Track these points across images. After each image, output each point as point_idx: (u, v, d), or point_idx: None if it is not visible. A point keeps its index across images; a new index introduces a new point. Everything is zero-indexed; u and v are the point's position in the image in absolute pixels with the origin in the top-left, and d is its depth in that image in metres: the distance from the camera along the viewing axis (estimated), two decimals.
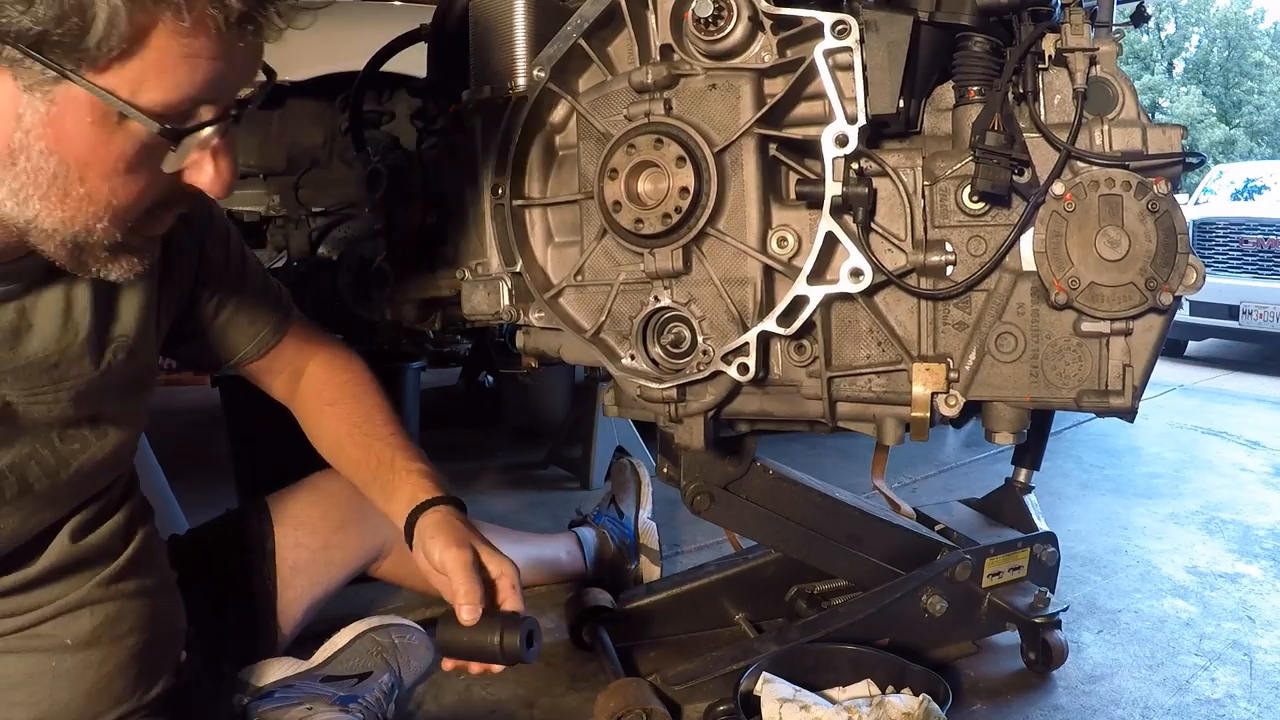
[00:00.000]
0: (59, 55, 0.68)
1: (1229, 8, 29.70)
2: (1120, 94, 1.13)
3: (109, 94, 0.70)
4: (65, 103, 0.71)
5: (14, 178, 0.74)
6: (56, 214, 0.76)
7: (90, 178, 0.75)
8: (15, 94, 0.70)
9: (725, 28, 1.15)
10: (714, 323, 1.21)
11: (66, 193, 0.75)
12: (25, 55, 0.67)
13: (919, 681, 1.29)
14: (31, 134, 0.71)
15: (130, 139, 0.74)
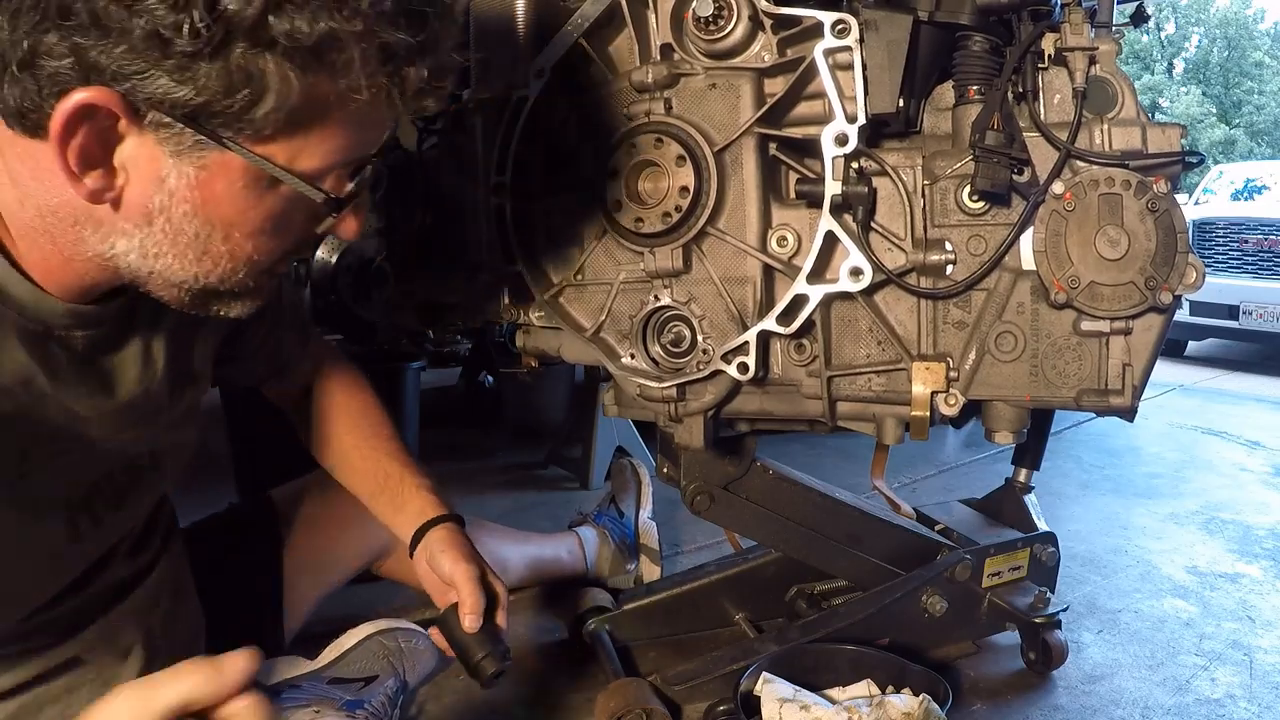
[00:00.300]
0: (218, 124, 0.67)
1: (1229, 8, 29.71)
2: (1120, 93, 1.13)
3: (268, 162, 0.70)
4: (217, 168, 0.69)
5: (148, 236, 0.73)
6: (191, 269, 0.75)
7: (235, 237, 0.74)
8: (160, 158, 0.69)
9: (725, 27, 1.15)
10: (714, 322, 1.21)
11: (206, 251, 0.74)
12: (178, 123, 0.66)
13: (919, 681, 1.29)
14: (175, 197, 0.70)
15: (281, 200, 0.74)
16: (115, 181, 0.70)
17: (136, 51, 0.62)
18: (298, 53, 0.65)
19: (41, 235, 0.75)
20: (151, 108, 0.65)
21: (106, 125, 0.66)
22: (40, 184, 0.72)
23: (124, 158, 0.69)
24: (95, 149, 0.67)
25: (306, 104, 0.68)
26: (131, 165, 0.69)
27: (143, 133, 0.67)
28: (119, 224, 0.72)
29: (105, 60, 0.63)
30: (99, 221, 0.73)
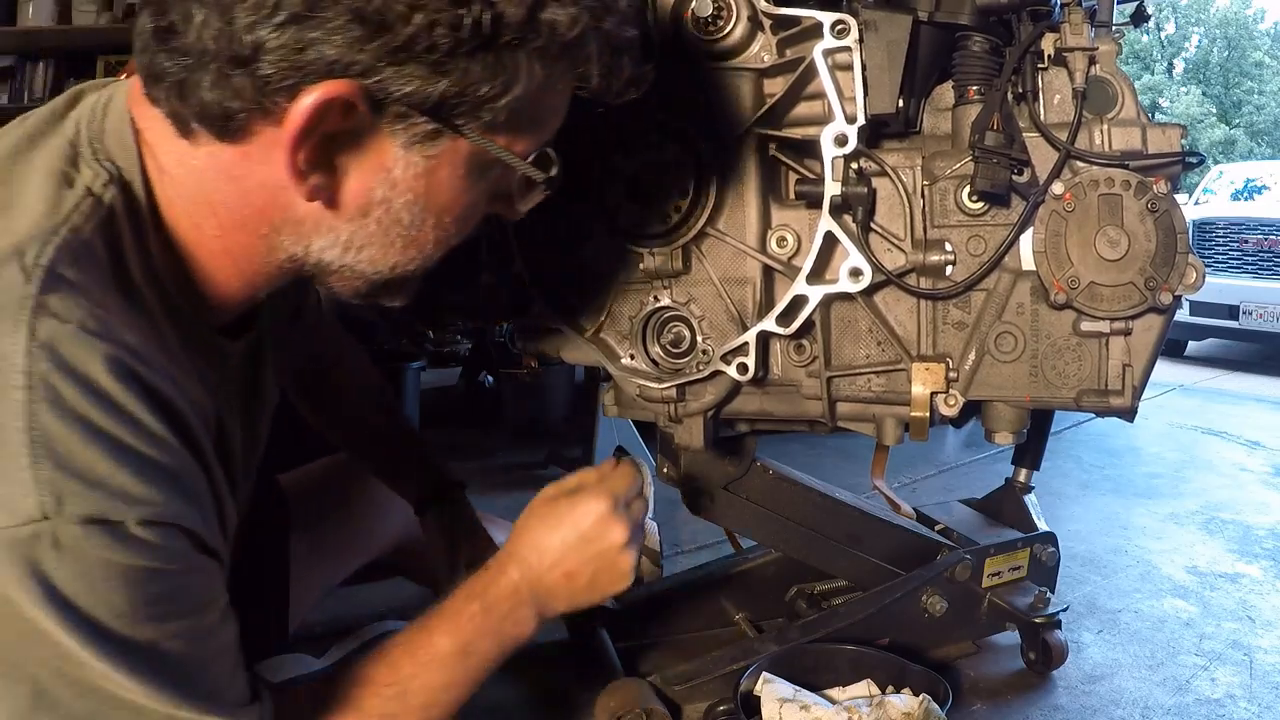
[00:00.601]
0: (458, 115, 0.67)
1: (1229, 8, 29.69)
2: (1120, 93, 1.13)
3: (497, 146, 0.70)
4: (445, 155, 0.69)
5: (358, 230, 0.72)
6: (393, 258, 0.75)
7: (445, 222, 0.74)
8: (389, 150, 0.68)
9: (725, 27, 1.15)
10: (713, 322, 1.21)
11: (414, 239, 0.74)
12: (419, 115, 0.65)
13: (919, 681, 1.29)
14: (398, 188, 0.70)
15: (491, 184, 0.76)
16: (335, 178, 0.68)
17: (396, 46, 0.61)
18: (551, 48, 0.66)
19: (222, 257, 0.74)
20: (395, 102, 0.64)
21: (344, 122, 0.65)
22: (232, 195, 0.69)
23: (349, 156, 0.68)
24: (328, 145, 0.66)
25: (539, 93, 0.69)
26: (355, 159, 0.68)
27: (376, 126, 0.66)
28: (325, 221, 0.71)
29: (355, 55, 0.61)
30: (299, 222, 0.71)
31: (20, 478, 0.58)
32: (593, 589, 1.01)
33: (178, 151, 0.69)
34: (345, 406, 1.34)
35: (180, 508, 0.66)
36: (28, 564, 0.59)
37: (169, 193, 0.71)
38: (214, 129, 0.66)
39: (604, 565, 1.00)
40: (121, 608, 0.62)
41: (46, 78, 4.41)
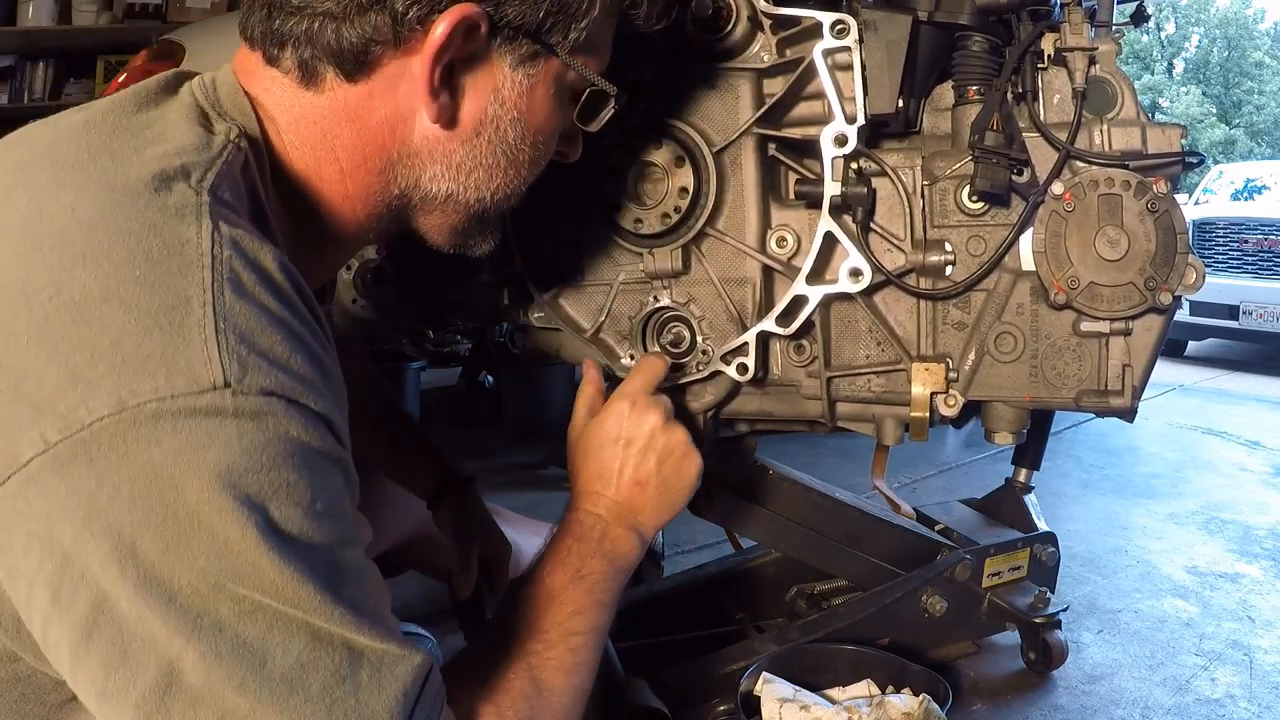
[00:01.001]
0: (550, 36, 0.76)
1: (1229, 8, 29.69)
2: (1120, 93, 1.13)
3: (581, 66, 0.80)
4: (541, 75, 0.79)
5: (471, 151, 0.79)
6: (492, 181, 0.81)
7: (538, 143, 0.82)
8: (499, 71, 0.76)
9: (724, 27, 1.15)
10: (713, 323, 1.21)
11: (514, 159, 0.81)
12: (522, 37, 0.75)
13: (919, 681, 1.29)
14: (506, 105, 0.78)
15: (568, 107, 0.84)
16: (456, 99, 0.76)
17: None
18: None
19: (342, 202, 0.78)
20: (507, 24, 0.74)
21: (466, 45, 0.73)
22: (353, 135, 0.75)
23: (469, 77, 0.76)
24: (450, 68, 0.74)
25: (604, 19, 0.80)
26: (471, 80, 0.76)
27: (490, 48, 0.75)
28: (440, 146, 0.77)
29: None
30: (415, 154, 0.77)
31: (202, 346, 0.55)
32: (668, 486, 1.00)
33: (298, 105, 0.74)
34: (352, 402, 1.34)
35: (340, 413, 0.65)
36: (202, 436, 0.54)
37: (287, 146, 0.75)
38: (346, 68, 0.72)
39: (662, 455, 1.00)
40: (301, 494, 0.57)
41: (46, 78, 4.41)
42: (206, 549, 0.54)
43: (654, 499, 1.00)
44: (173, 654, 0.54)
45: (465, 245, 0.89)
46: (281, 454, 0.56)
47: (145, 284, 0.56)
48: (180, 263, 0.58)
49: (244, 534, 0.54)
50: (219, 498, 0.54)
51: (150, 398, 0.54)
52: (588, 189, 1.24)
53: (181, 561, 0.54)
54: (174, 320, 0.56)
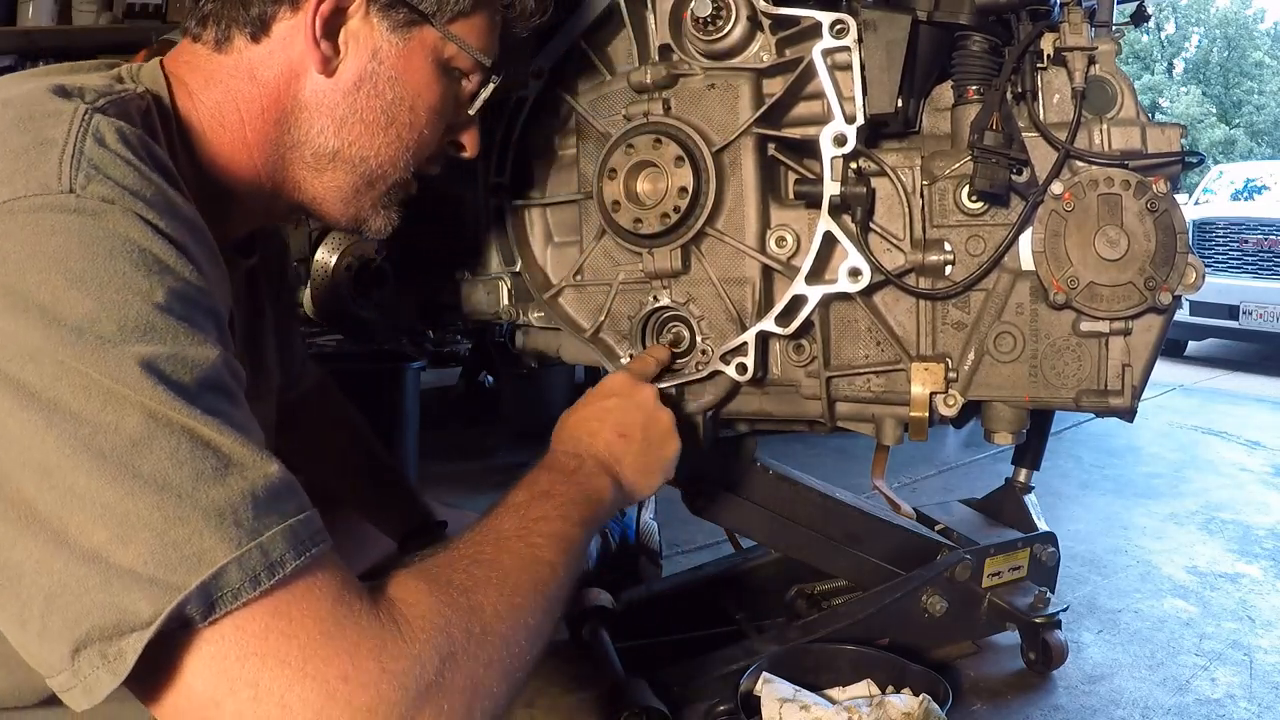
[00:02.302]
0: (425, 4, 0.86)
1: (1229, 8, 29.68)
2: (1119, 93, 1.13)
3: (455, 36, 0.89)
4: (416, 43, 0.87)
5: (350, 104, 0.86)
6: (373, 141, 0.88)
7: (417, 108, 0.89)
8: (377, 33, 0.85)
9: (724, 27, 1.15)
10: (713, 322, 1.20)
11: (392, 119, 0.88)
12: (400, 6, 0.85)
13: (919, 681, 1.29)
14: (384, 65, 0.86)
15: (450, 83, 0.92)
16: (338, 55, 0.85)
17: None
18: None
19: (241, 149, 0.85)
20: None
21: (346, 5, 0.83)
22: (253, 90, 0.84)
23: (349, 33, 0.85)
24: (333, 19, 0.83)
25: (482, 14, 0.90)
26: (354, 39, 0.85)
27: (369, 11, 0.85)
28: (326, 99, 0.86)
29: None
30: (304, 105, 0.86)
31: (57, 165, 0.62)
32: (649, 447, 1.02)
33: (209, 68, 0.84)
34: (326, 440, 1.34)
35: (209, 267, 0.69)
36: (45, 228, 0.59)
37: (196, 103, 0.84)
38: (252, 30, 0.83)
39: (648, 421, 1.03)
40: (139, 285, 0.59)
41: None
42: (42, 328, 0.56)
43: (636, 454, 1.00)
44: (14, 424, 0.56)
45: (359, 218, 0.93)
46: (117, 249, 0.60)
47: (21, 129, 0.65)
48: (54, 120, 0.65)
49: (74, 313, 0.57)
50: (54, 279, 0.57)
51: (7, 198, 0.60)
52: (587, 190, 1.24)
53: (19, 336, 0.57)
54: (40, 152, 0.63)
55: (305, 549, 0.60)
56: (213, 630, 0.56)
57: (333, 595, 0.60)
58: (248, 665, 0.56)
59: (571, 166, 1.30)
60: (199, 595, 0.54)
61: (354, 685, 0.58)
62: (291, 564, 0.58)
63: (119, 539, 0.54)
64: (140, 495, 0.55)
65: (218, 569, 0.55)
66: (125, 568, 0.54)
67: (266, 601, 0.57)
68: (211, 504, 0.56)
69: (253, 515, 0.58)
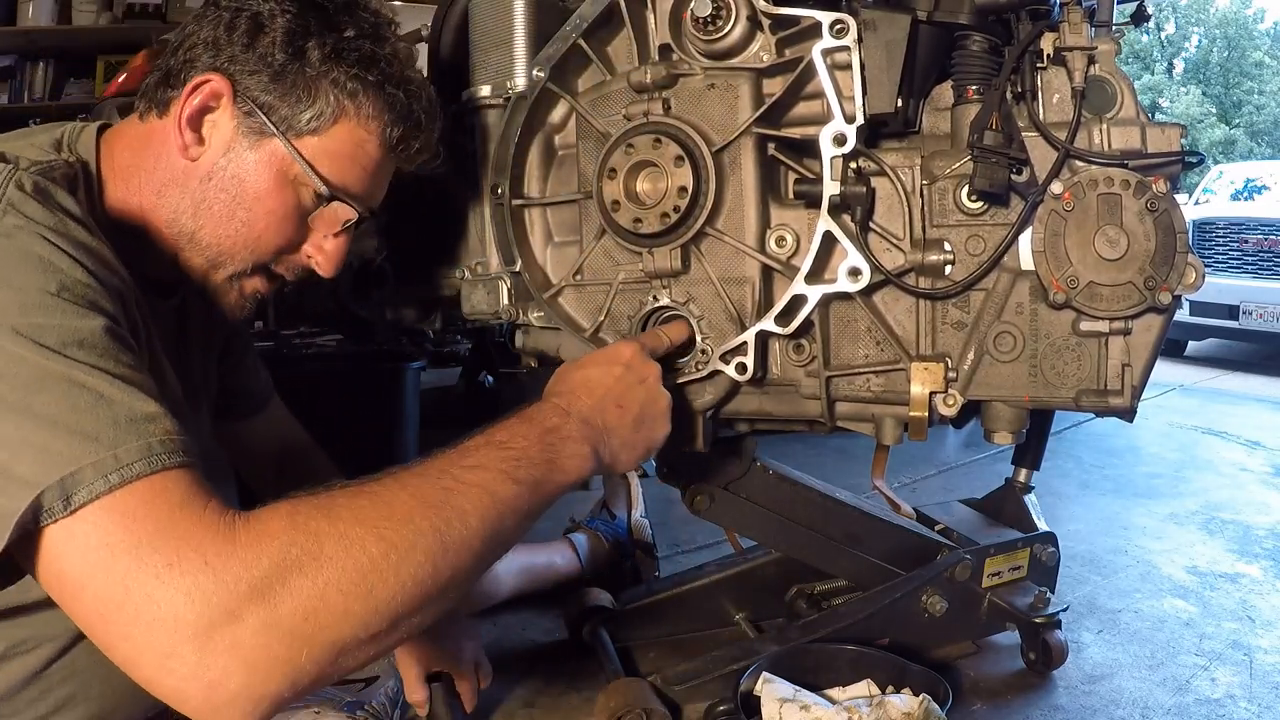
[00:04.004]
0: (276, 119, 0.96)
1: (1229, 8, 29.67)
2: (1119, 93, 1.13)
3: (298, 153, 0.97)
4: (265, 152, 0.97)
5: (203, 193, 0.97)
6: (217, 230, 0.98)
7: (256, 210, 0.98)
8: (234, 135, 0.96)
9: (724, 27, 1.15)
10: (712, 322, 1.21)
11: (233, 214, 0.98)
12: (258, 112, 0.95)
13: (919, 681, 1.29)
14: (232, 164, 0.97)
15: (293, 194, 0.99)
16: (201, 147, 0.96)
17: (257, 59, 0.95)
18: (343, 92, 0.97)
19: (148, 200, 0.98)
20: (246, 98, 0.95)
21: (211, 101, 0.95)
22: (149, 154, 0.97)
23: (211, 125, 0.96)
24: (197, 114, 0.96)
25: (334, 122, 0.98)
26: (215, 132, 0.96)
27: (232, 114, 0.96)
28: (190, 180, 0.97)
29: (232, 65, 0.95)
30: (174, 179, 0.97)
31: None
32: (641, 424, 1.01)
33: (129, 136, 0.99)
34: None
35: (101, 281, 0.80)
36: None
37: (116, 171, 0.98)
38: (156, 107, 0.98)
39: (647, 399, 1.03)
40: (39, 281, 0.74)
41: (46, 78, 4.41)
42: None
43: (629, 430, 0.99)
44: None
45: (213, 293, 1.03)
46: (22, 258, 0.75)
47: None
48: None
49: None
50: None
51: None
52: (587, 189, 1.24)
53: None
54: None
55: (159, 462, 0.70)
56: (74, 521, 0.68)
57: (179, 499, 0.70)
58: (100, 552, 0.67)
59: (572, 166, 1.30)
60: (58, 489, 0.67)
61: (176, 572, 0.66)
62: (141, 470, 0.69)
63: (11, 456, 0.68)
64: (29, 425, 0.69)
65: (75, 469, 0.68)
66: (12, 475, 0.67)
67: (116, 496, 0.68)
68: (80, 427, 0.69)
69: (113, 434, 0.70)
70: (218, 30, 0.96)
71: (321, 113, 0.96)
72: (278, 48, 0.95)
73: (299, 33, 0.95)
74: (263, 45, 0.95)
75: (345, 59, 0.97)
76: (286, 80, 0.95)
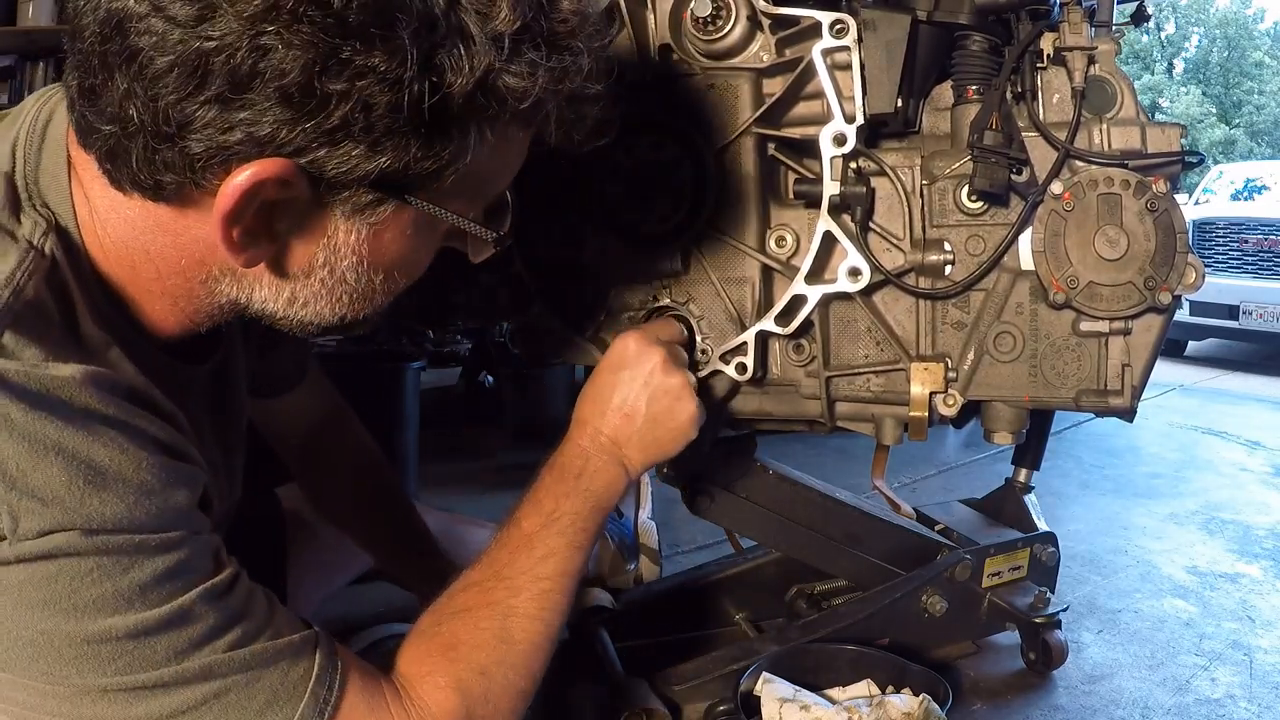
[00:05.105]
0: (406, 184, 0.66)
1: (1229, 8, 29.68)
2: (1119, 93, 1.13)
3: (447, 213, 0.70)
4: (389, 220, 0.68)
5: (303, 288, 0.71)
6: (335, 312, 0.74)
7: (395, 276, 0.74)
8: (330, 219, 0.67)
9: (724, 27, 1.15)
10: (712, 322, 1.20)
11: (362, 294, 0.73)
12: (360, 188, 0.64)
13: (919, 681, 1.29)
14: (340, 252, 0.69)
15: (443, 237, 0.76)
16: (276, 245, 0.68)
17: (331, 127, 0.59)
18: (503, 116, 0.65)
19: (160, 299, 0.73)
20: (336, 177, 0.62)
21: (278, 196, 0.63)
22: (168, 246, 0.69)
23: (290, 221, 0.66)
24: (262, 221, 0.64)
25: (492, 156, 0.68)
26: (296, 227, 0.67)
27: (316, 197, 0.64)
28: (267, 278, 0.70)
29: (288, 135, 0.59)
30: (242, 275, 0.70)
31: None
32: (655, 423, 1.00)
33: (110, 197, 0.68)
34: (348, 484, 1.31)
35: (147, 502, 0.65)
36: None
37: (102, 238, 0.70)
38: (146, 194, 0.65)
39: (655, 393, 1.00)
40: (110, 599, 0.62)
41: (46, 78, 4.40)
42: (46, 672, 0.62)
43: (640, 433, 0.99)
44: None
45: (331, 332, 0.81)
46: (75, 578, 0.61)
47: None
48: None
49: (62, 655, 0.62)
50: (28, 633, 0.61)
51: None
52: (587, 190, 1.24)
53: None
54: None
55: (330, 697, 0.73)
56: None
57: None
58: None
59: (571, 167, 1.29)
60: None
61: None
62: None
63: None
64: None
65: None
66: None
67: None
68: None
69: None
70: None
71: (475, 159, 0.67)
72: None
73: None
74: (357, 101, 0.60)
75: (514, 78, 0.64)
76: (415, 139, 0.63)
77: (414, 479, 2.47)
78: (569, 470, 0.96)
